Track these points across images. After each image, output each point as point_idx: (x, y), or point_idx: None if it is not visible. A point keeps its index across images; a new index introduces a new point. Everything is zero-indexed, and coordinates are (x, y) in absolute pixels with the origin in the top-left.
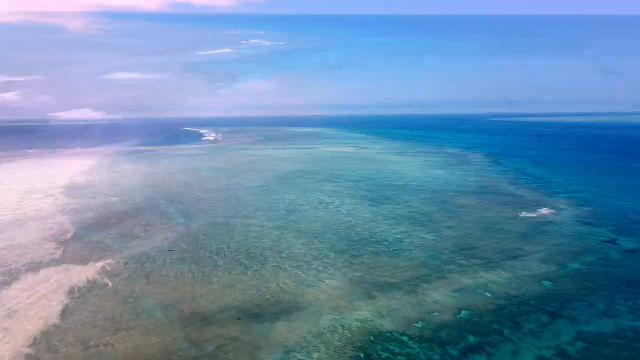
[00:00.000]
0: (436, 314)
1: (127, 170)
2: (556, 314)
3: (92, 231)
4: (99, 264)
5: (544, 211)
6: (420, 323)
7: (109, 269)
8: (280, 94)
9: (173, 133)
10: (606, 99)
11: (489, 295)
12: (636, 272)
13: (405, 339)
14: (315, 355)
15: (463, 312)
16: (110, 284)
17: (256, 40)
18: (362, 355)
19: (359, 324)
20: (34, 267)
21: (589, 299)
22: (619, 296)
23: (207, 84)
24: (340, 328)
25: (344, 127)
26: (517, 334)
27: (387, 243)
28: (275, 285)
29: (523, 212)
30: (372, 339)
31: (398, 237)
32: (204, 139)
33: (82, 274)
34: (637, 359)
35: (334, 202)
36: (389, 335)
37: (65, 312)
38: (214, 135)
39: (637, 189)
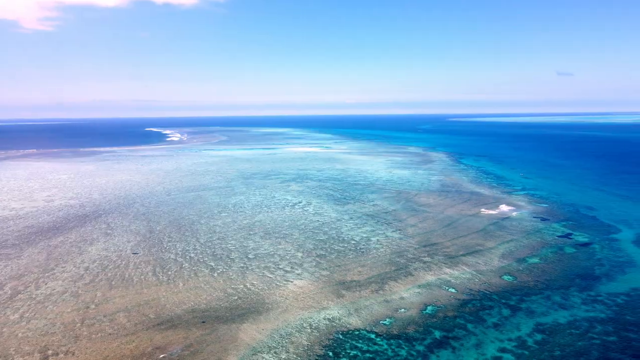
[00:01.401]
0: (402, 310)
1: (85, 172)
2: (516, 307)
3: (49, 235)
4: (58, 269)
5: (503, 208)
6: (387, 320)
7: (68, 274)
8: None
9: (134, 133)
10: (561, 100)
11: (453, 290)
12: (589, 265)
13: (373, 336)
14: (283, 356)
15: (429, 308)
16: (69, 289)
17: None
18: (330, 354)
19: (327, 322)
20: None
21: (546, 291)
22: (574, 288)
23: None
24: (308, 327)
25: (309, 127)
26: (480, 327)
27: (353, 242)
28: (242, 286)
29: (483, 209)
30: (341, 337)
31: (364, 235)
32: (168, 139)
33: (39, 280)
34: (592, 347)
35: (300, 202)
36: (357, 332)
37: (21, 320)
38: (177, 135)
39: (588, 186)
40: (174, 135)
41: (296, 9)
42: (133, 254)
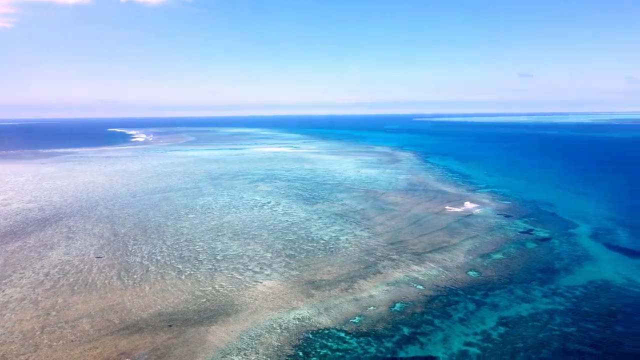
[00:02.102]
0: (372, 308)
1: (45, 174)
2: (481, 302)
3: (5, 240)
4: (15, 275)
5: (468, 205)
6: (357, 318)
7: (27, 280)
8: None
9: (96, 134)
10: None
11: (420, 287)
12: (549, 259)
13: (343, 334)
14: (253, 357)
15: (397, 305)
16: (28, 296)
17: None
18: (300, 354)
19: (297, 322)
20: None
21: (509, 286)
22: (535, 282)
23: None
24: (278, 328)
25: (278, 128)
26: (447, 322)
27: (322, 241)
28: (210, 288)
29: (449, 207)
30: (311, 336)
31: (333, 234)
32: (133, 140)
33: None
34: (552, 338)
35: (269, 202)
36: (327, 331)
37: None
38: (143, 136)
39: (548, 183)
40: (139, 135)
41: (266, 8)
42: (96, 257)
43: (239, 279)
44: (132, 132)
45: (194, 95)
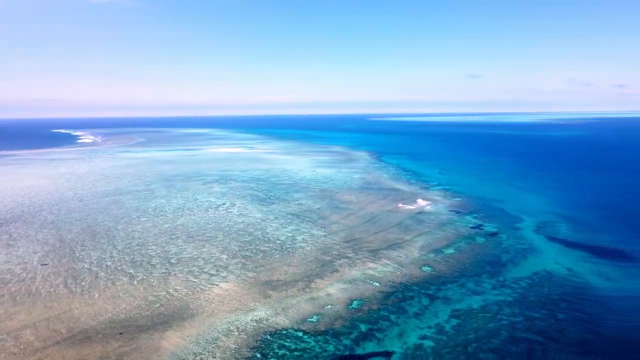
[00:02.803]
0: (329, 306)
1: None
2: (434, 296)
3: None
4: None
5: (421, 202)
6: (314, 317)
7: None
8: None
9: (39, 135)
10: (472, 101)
11: (376, 284)
12: (497, 253)
13: (301, 334)
14: None
15: (354, 302)
16: None
17: None
18: (258, 355)
19: (255, 324)
20: None
21: (460, 279)
22: (485, 275)
23: None
24: (235, 330)
25: (233, 128)
26: (403, 317)
27: (279, 242)
28: (164, 292)
29: (403, 204)
30: (269, 337)
31: (289, 235)
32: (80, 141)
33: None
34: (501, 328)
35: (224, 204)
36: (285, 332)
37: None
38: (91, 137)
39: (496, 180)
40: (87, 136)
41: (210, 6)
42: (41, 265)
43: (194, 282)
44: (79, 133)
45: (143, 95)
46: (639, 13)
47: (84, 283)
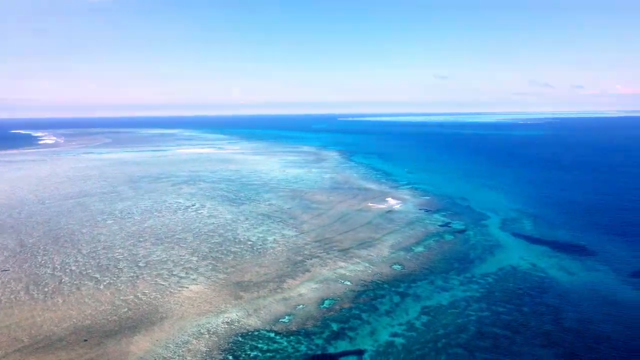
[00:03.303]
0: (301, 306)
1: None
2: (405, 294)
3: None
4: None
5: (390, 201)
6: (286, 317)
7: None
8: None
9: None
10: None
11: (348, 283)
12: (464, 249)
13: (273, 334)
14: None
15: (326, 302)
16: None
17: None
18: (230, 358)
19: (226, 326)
20: None
21: (430, 276)
22: (453, 272)
23: None
24: (206, 333)
25: (201, 128)
26: (374, 315)
27: (250, 242)
28: (132, 296)
29: (372, 204)
30: (240, 339)
31: (260, 235)
32: (41, 142)
33: None
34: (469, 323)
35: (193, 205)
36: (257, 333)
37: None
38: (53, 138)
39: (463, 179)
40: (48, 137)
41: (173, 3)
42: (1, 271)
43: (164, 285)
44: (39, 134)
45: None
46: (598, 18)
47: (46, 289)
